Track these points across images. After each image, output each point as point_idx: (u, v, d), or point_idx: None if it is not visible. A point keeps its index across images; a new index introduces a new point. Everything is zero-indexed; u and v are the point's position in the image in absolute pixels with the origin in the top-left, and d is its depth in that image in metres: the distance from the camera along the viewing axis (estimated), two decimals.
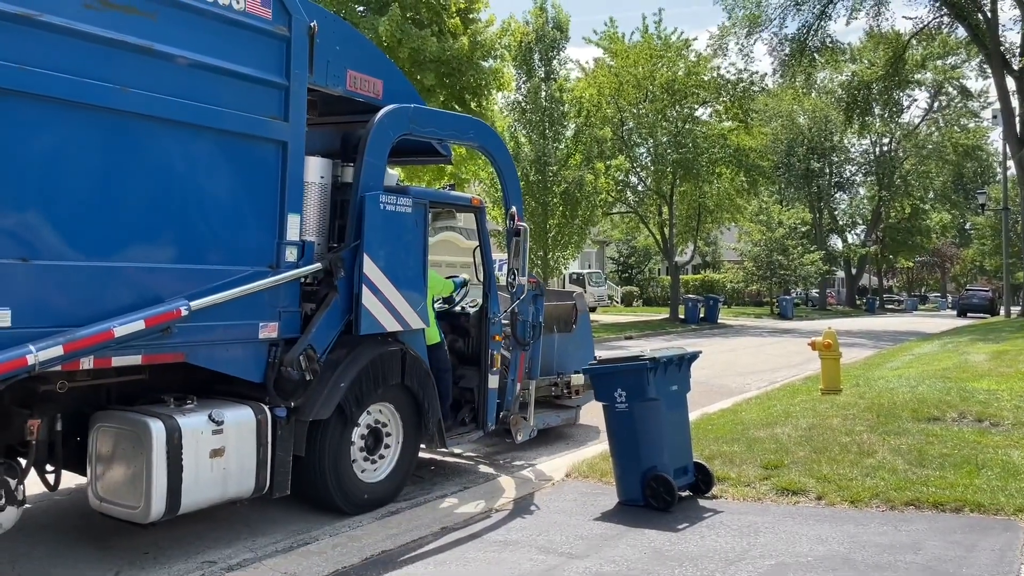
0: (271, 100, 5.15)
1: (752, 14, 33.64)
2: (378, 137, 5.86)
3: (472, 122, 7.53)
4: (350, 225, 5.67)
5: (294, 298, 5.32)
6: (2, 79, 3.78)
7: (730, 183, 34.97)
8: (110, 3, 4.23)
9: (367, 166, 5.77)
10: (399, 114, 6.06)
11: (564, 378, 8.54)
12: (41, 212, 4.01)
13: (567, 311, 9.05)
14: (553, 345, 8.48)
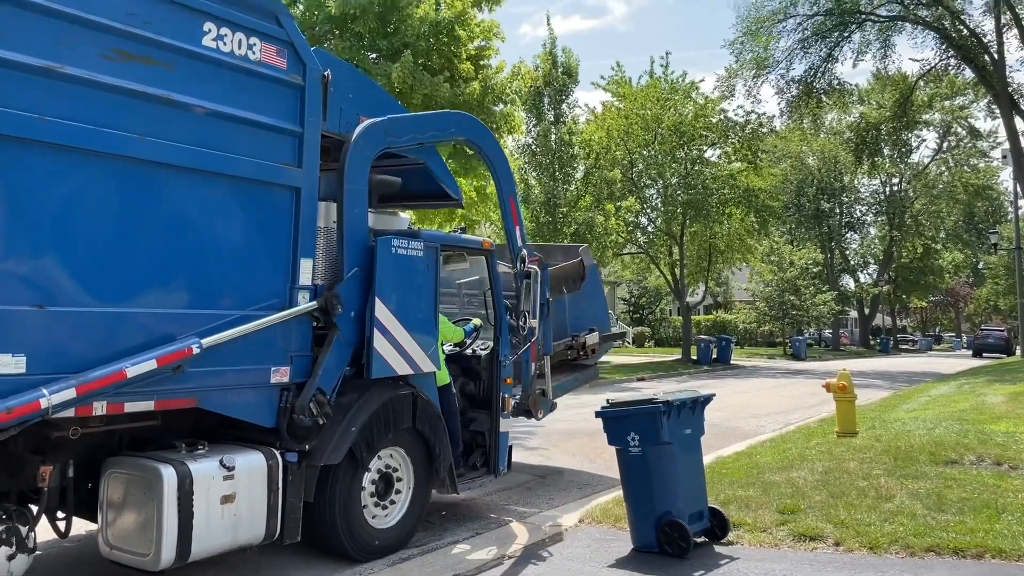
0: (285, 147, 5.22)
1: (759, 57, 33.97)
2: (355, 160, 5.61)
3: (452, 116, 7.15)
4: (341, 258, 5.52)
5: (305, 342, 5.33)
6: (21, 129, 3.86)
7: (740, 223, 35.02)
8: (129, 54, 4.32)
9: (349, 194, 5.52)
10: (372, 130, 5.78)
11: (579, 339, 8.43)
12: (58, 259, 4.06)
13: (574, 268, 8.80)
14: (564, 306, 8.33)
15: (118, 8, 4.28)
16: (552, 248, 10.64)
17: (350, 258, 5.49)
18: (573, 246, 10.17)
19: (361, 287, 5.54)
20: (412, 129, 6.25)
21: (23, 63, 3.86)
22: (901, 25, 32.86)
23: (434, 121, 6.72)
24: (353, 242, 5.52)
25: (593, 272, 9.12)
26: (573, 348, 8.42)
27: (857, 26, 32.86)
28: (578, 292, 8.65)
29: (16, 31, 3.84)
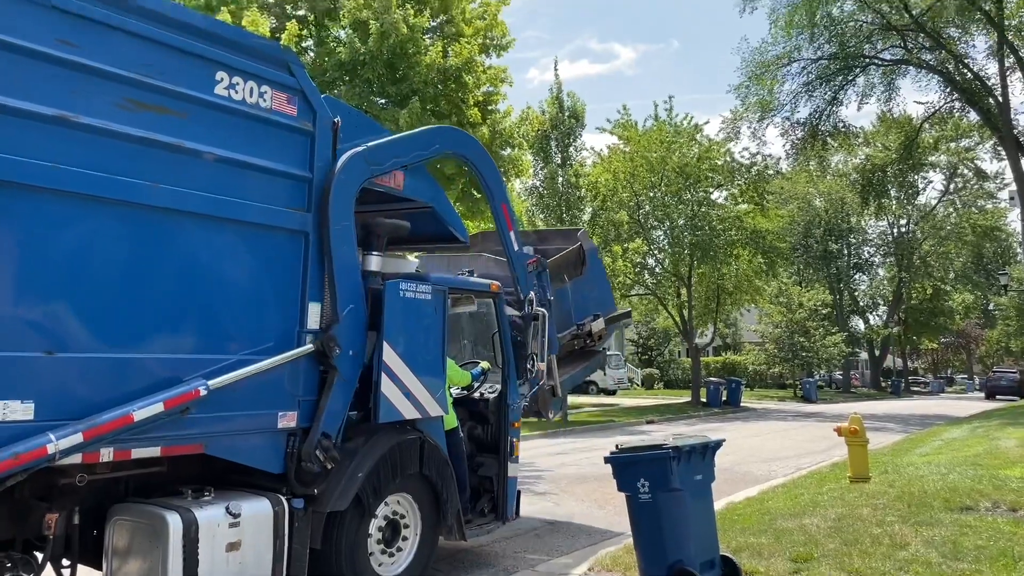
0: (296, 192, 5.27)
1: (764, 100, 34.32)
2: (339, 197, 5.38)
3: (434, 132, 6.82)
4: (333, 299, 5.37)
5: (312, 386, 5.32)
6: (36, 177, 3.90)
7: (748, 265, 35.02)
8: (142, 103, 4.39)
9: (335, 234, 5.30)
10: (353, 163, 5.53)
11: (584, 327, 8.31)
12: (68, 305, 4.08)
13: (574, 255, 8.63)
14: (567, 295, 8.21)
15: (133, 59, 4.36)
16: (549, 233, 10.53)
17: (343, 297, 5.36)
18: (571, 230, 9.97)
19: (358, 324, 5.46)
20: (394, 153, 6.00)
21: (38, 113, 3.92)
22: (905, 69, 33.21)
23: (416, 140, 6.39)
24: (345, 281, 5.38)
25: (593, 256, 9.00)
26: (579, 337, 8.30)
27: (861, 70, 33.21)
28: (580, 278, 8.53)
29: (32, 81, 3.92)
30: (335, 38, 19.38)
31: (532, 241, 9.19)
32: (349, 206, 5.48)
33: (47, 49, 3.97)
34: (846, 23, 32.14)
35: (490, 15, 19.08)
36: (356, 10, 16.94)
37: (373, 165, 5.73)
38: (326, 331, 5.27)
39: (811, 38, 32.12)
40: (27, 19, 3.90)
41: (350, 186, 5.49)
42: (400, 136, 6.23)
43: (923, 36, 30.90)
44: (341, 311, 5.33)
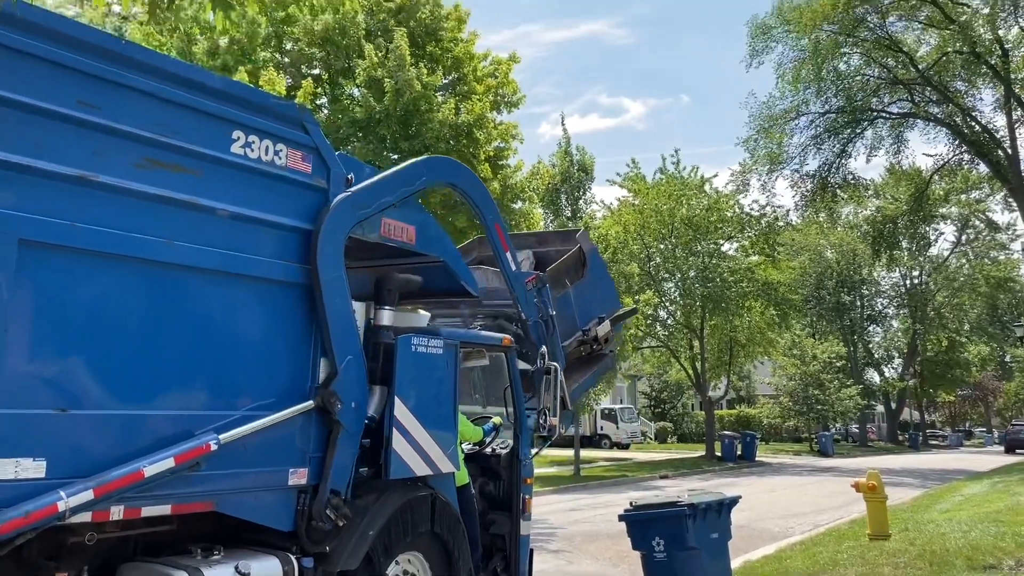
0: (308, 248, 5.30)
1: (773, 153, 34.58)
2: (327, 247, 5.23)
3: (420, 165, 6.41)
4: (330, 353, 5.24)
5: (323, 443, 5.28)
6: (53, 236, 3.95)
7: (760, 317, 34.91)
8: (159, 162, 4.46)
9: (327, 285, 5.15)
10: (339, 210, 5.34)
11: (590, 332, 8.12)
12: (82, 362, 4.08)
13: (574, 259, 8.37)
14: (569, 300, 8.00)
15: (151, 119, 4.44)
16: (548, 235, 10.34)
17: (340, 349, 5.25)
18: (570, 231, 9.72)
19: (358, 375, 5.36)
20: (380, 193, 5.75)
21: (59, 173, 3.98)
22: (913, 121, 33.48)
23: (401, 176, 6.09)
24: (340, 333, 5.25)
25: (594, 256, 8.74)
26: (586, 343, 8.09)
27: (869, 123, 33.50)
28: (582, 280, 8.32)
29: (52, 143, 3.99)
30: (349, 95, 19.76)
31: (531, 244, 9.06)
32: (338, 255, 5.33)
33: (69, 111, 4.05)
34: (853, 77, 32.54)
35: (501, 73, 19.45)
36: (371, 68, 17.30)
37: (360, 209, 5.51)
38: (326, 386, 5.18)
39: (818, 92, 32.51)
40: (50, 81, 3.99)
41: (338, 233, 5.33)
42: (384, 175, 5.93)
43: (930, 90, 31.21)
44: (339, 364, 5.23)
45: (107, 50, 4.29)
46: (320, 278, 5.14)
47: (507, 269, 7.01)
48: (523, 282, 7.17)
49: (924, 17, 30.35)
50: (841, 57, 31.89)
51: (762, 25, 31.94)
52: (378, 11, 20.07)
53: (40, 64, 3.96)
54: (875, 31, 30.80)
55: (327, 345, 5.20)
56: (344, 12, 19.05)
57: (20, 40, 3.87)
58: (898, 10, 30.22)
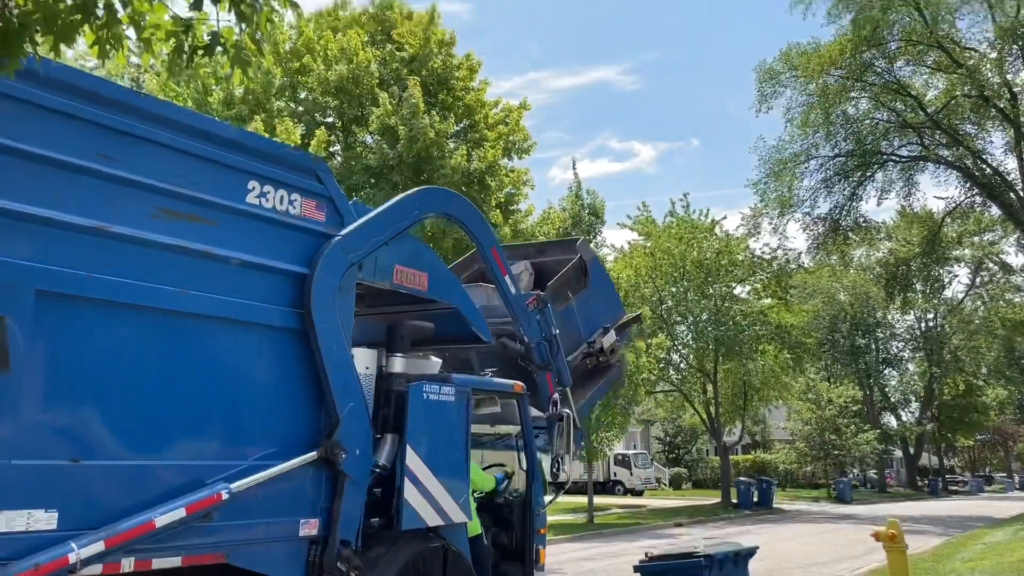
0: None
1: (783, 196, 34.62)
2: (321, 296, 5.13)
3: (411, 199, 6.21)
4: (332, 403, 5.17)
5: (332, 493, 5.22)
6: (69, 286, 3.98)
7: (774, 360, 34.63)
8: (175, 213, 4.52)
9: (322, 335, 5.09)
10: (330, 257, 5.26)
11: (595, 344, 7.92)
12: (96, 412, 4.09)
13: (575, 270, 8.16)
14: (573, 313, 7.81)
15: (167, 170, 4.50)
16: (548, 245, 10.15)
17: (341, 397, 5.20)
18: (570, 240, 9.44)
19: (360, 422, 5.31)
20: (372, 234, 5.63)
21: (75, 224, 4.04)
22: (923, 164, 33.52)
23: (393, 213, 5.94)
24: (340, 381, 5.21)
25: (595, 265, 8.55)
26: (591, 356, 7.94)
27: (879, 166, 33.56)
28: (585, 291, 8.16)
29: (70, 194, 4.05)
30: (362, 143, 20.03)
31: (531, 254, 8.99)
32: (332, 305, 5.24)
33: (88, 163, 4.12)
34: (862, 121, 32.70)
35: (512, 120, 19.68)
36: (384, 116, 17.53)
37: (351, 253, 5.45)
38: (329, 436, 5.11)
39: (827, 136, 32.64)
40: (71, 134, 4.07)
41: (330, 280, 5.25)
42: (373, 215, 5.77)
43: (939, 133, 31.30)
44: (341, 412, 5.17)
45: (125, 103, 4.38)
46: (315, 327, 5.06)
47: (507, 293, 6.94)
48: (524, 304, 7.08)
49: (931, 62, 30.58)
50: (850, 101, 32.08)
51: (770, 70, 32.22)
52: (391, 60, 20.44)
53: (61, 118, 4.05)
54: (883, 75, 31.04)
55: (327, 394, 5.15)
56: (358, 62, 19.40)
57: (43, 96, 3.95)
58: (905, 55, 30.48)
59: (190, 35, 2.57)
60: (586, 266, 8.31)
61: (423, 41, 20.83)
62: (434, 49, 20.84)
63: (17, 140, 3.84)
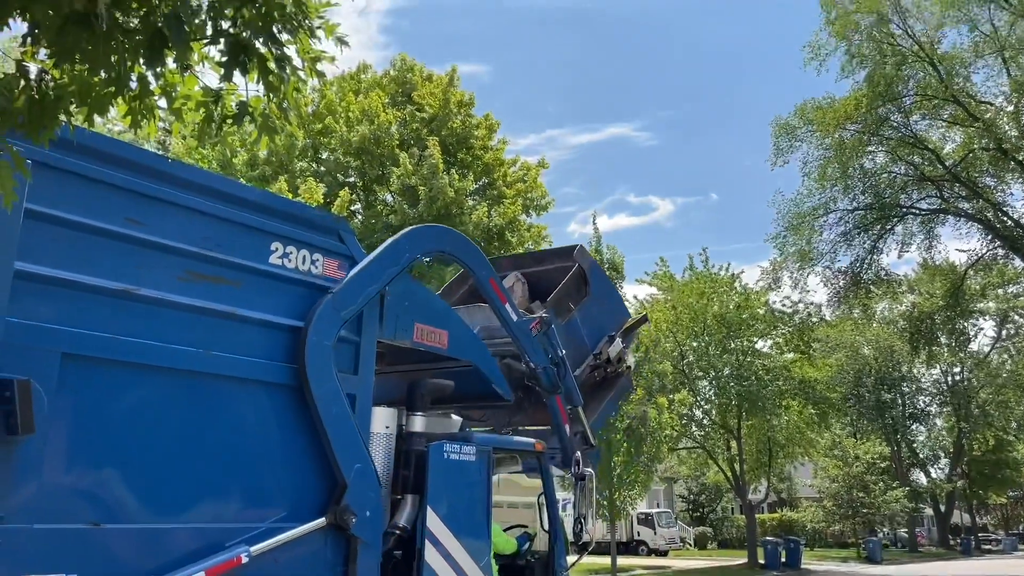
0: (343, 356, 5.32)
1: (803, 250, 34.52)
2: (316, 359, 5.00)
3: (403, 240, 5.93)
4: (336, 466, 5.08)
5: (346, 556, 5.15)
6: (94, 349, 4.03)
7: (799, 416, 34.13)
8: (201, 275, 4.58)
9: (321, 399, 4.97)
10: (322, 316, 5.09)
11: (601, 355, 7.67)
12: (118, 474, 4.09)
13: (574, 281, 7.86)
14: (577, 325, 7.55)
15: (194, 233, 4.58)
16: (546, 253, 9.88)
17: (346, 460, 5.09)
18: (568, 247, 9.01)
19: (369, 482, 5.22)
20: (362, 285, 5.44)
21: (102, 287, 4.10)
22: (943, 217, 33.39)
23: (384, 260, 5.68)
24: (343, 443, 5.10)
25: (595, 271, 8.26)
26: (599, 367, 7.73)
27: (899, 219, 33.46)
28: (587, 299, 7.91)
29: (98, 258, 4.12)
30: (382, 202, 20.31)
31: (528, 264, 8.79)
32: (329, 367, 5.11)
33: (116, 228, 4.21)
34: (879, 175, 32.72)
35: (530, 178, 19.89)
36: (405, 176, 17.79)
37: (344, 310, 5.27)
38: (338, 502, 5.00)
39: (845, 189, 32.65)
40: (101, 200, 4.17)
41: (325, 341, 5.10)
42: (362, 266, 5.53)
43: (959, 186, 31.25)
44: (348, 475, 5.06)
45: (153, 168, 4.49)
46: (312, 390, 4.92)
47: (509, 320, 6.80)
48: (527, 329, 6.92)
49: (948, 115, 30.69)
50: (867, 155, 32.17)
51: (786, 125, 32.45)
52: (411, 121, 20.84)
53: (91, 184, 4.15)
54: (899, 129, 31.15)
55: (331, 457, 5.04)
56: (379, 123, 19.79)
57: (74, 162, 4.06)
58: (921, 109, 30.62)
59: (219, 105, 2.65)
60: (585, 273, 8.09)
61: (443, 102, 21.25)
62: (453, 110, 21.24)
63: (48, 206, 3.93)
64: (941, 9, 27.87)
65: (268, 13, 2.27)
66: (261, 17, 2.27)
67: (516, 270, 8.47)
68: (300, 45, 2.51)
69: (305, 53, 2.58)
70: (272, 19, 2.29)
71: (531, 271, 8.45)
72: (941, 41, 29.23)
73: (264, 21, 2.28)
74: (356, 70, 23.91)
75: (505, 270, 8.39)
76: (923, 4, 28.71)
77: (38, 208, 3.87)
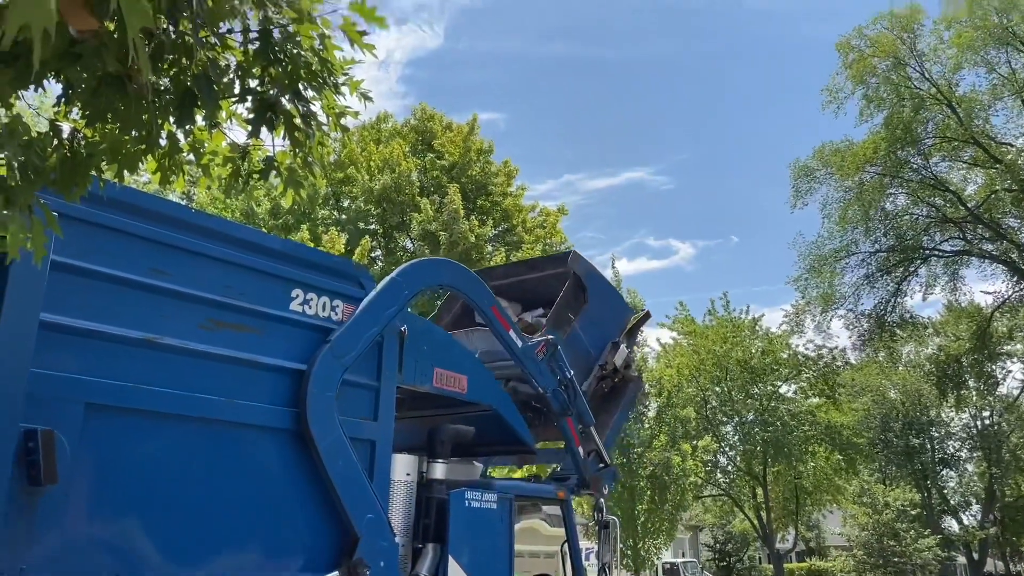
0: (362, 401, 5.34)
1: (825, 293, 34.31)
2: (318, 411, 4.91)
3: (399, 278, 5.76)
4: (347, 519, 5.02)
5: None
6: (116, 398, 4.06)
7: (826, 462, 33.57)
8: (223, 323, 4.63)
9: (326, 452, 4.87)
10: (323, 366, 4.99)
11: (607, 365, 7.46)
12: (139, 525, 4.09)
13: (570, 291, 7.57)
14: (579, 336, 7.31)
15: (216, 281, 4.65)
16: (539, 260, 9.54)
17: (357, 511, 5.02)
18: (562, 254, 8.63)
19: (382, 531, 5.17)
20: (361, 330, 5.34)
21: (126, 337, 4.15)
22: (967, 259, 33.11)
23: (382, 301, 5.54)
24: (351, 495, 5.03)
25: (591, 277, 7.95)
26: (606, 378, 7.54)
27: (922, 261, 33.24)
28: (586, 308, 7.67)
29: (123, 308, 4.18)
30: (402, 248, 20.49)
31: (521, 272, 8.60)
32: (332, 418, 5.00)
33: (142, 278, 4.28)
34: (901, 217, 32.60)
35: (549, 224, 20.01)
36: (425, 222, 17.97)
37: (343, 357, 5.14)
38: (351, 555, 4.90)
39: (867, 231, 32.53)
40: (127, 251, 4.25)
41: (327, 391, 5.00)
42: (360, 310, 5.41)
43: (982, 227, 31.05)
44: (359, 526, 4.99)
45: (178, 219, 4.58)
46: (316, 443, 4.82)
47: (514, 348, 6.65)
48: (533, 355, 6.77)
49: (968, 157, 30.62)
50: (887, 197, 32.10)
51: (804, 168, 32.52)
52: (431, 168, 21.11)
53: (117, 235, 4.23)
54: (919, 172, 31.11)
55: (340, 509, 4.96)
56: (400, 171, 20.07)
57: (101, 215, 4.15)
58: (941, 151, 30.59)
59: (246, 161, 2.73)
60: (581, 280, 7.88)
61: (463, 150, 21.54)
62: (473, 157, 21.51)
63: (75, 258, 4.00)
64: (958, 52, 28.00)
65: (294, 72, 2.35)
66: (288, 75, 2.35)
67: (510, 278, 8.37)
68: (325, 101, 2.58)
69: (330, 109, 2.65)
70: (298, 77, 2.37)
71: (526, 278, 8.33)
72: (959, 83, 29.33)
73: (291, 79, 2.36)
74: (377, 120, 24.33)
75: (499, 279, 8.26)
76: (939, 47, 28.89)
77: (65, 260, 3.94)
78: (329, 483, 4.93)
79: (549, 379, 6.87)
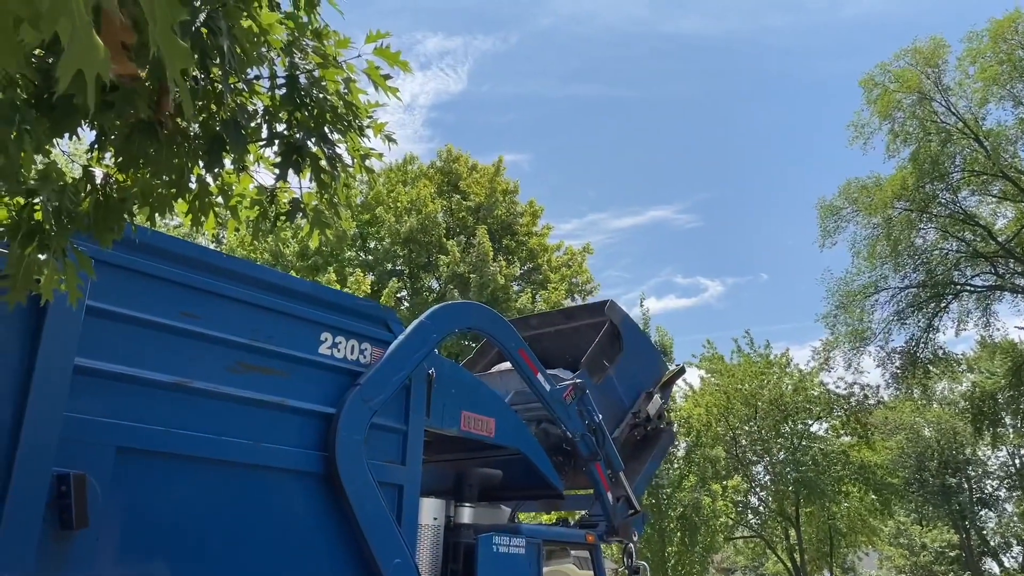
0: (390, 445, 5.31)
1: (855, 329, 33.82)
2: (348, 456, 4.89)
3: (427, 321, 5.78)
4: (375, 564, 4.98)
5: None
6: (147, 442, 4.07)
7: (860, 502, 32.79)
8: (251, 366, 4.64)
9: (355, 496, 4.85)
10: (351, 411, 4.99)
11: (640, 413, 7.32)
12: (168, 569, 4.07)
13: (607, 337, 7.59)
14: (613, 383, 7.29)
15: (245, 325, 4.67)
16: (576, 309, 9.56)
17: (384, 555, 4.96)
18: (599, 303, 8.53)
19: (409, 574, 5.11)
20: (389, 374, 5.33)
21: (157, 380, 4.17)
22: (1000, 293, 32.57)
23: (411, 344, 5.55)
24: (379, 539, 4.98)
25: (627, 325, 8.00)
26: (638, 427, 7.48)
27: (954, 296, 32.73)
28: (622, 355, 7.70)
29: (154, 352, 4.21)
30: (428, 288, 20.56)
31: (558, 321, 8.61)
32: (361, 464, 5.00)
33: (172, 322, 4.31)
34: (931, 252, 32.21)
35: (575, 263, 20.02)
36: (453, 264, 18.05)
37: (371, 401, 5.15)
38: None
39: (896, 267, 32.13)
40: (158, 296, 4.28)
41: (355, 435, 5.00)
42: (389, 352, 5.43)
43: (1013, 261, 30.60)
44: (386, 570, 4.92)
45: (208, 263, 4.62)
46: (344, 486, 4.80)
47: (542, 391, 6.65)
48: (561, 398, 6.75)
49: (997, 191, 30.28)
50: (917, 232, 31.75)
51: (831, 207, 32.31)
52: (458, 210, 21.25)
53: (149, 280, 4.27)
54: (948, 207, 30.79)
55: (368, 554, 4.91)
56: (427, 212, 20.23)
57: (133, 260, 4.19)
58: (969, 185, 30.29)
59: (273, 203, 2.75)
60: (618, 329, 7.92)
61: (489, 191, 21.70)
62: (499, 198, 21.65)
63: (107, 303, 4.04)
64: (984, 86, 27.87)
65: (320, 116, 2.38)
66: (314, 119, 2.37)
67: (546, 328, 8.42)
68: (350, 144, 2.61)
69: (355, 151, 2.68)
70: (324, 121, 2.39)
71: (562, 328, 8.37)
72: (985, 117, 29.13)
73: (316, 123, 2.38)
74: (403, 162, 24.63)
75: (535, 329, 8.33)
76: (965, 82, 28.78)
77: (99, 305, 3.98)
78: (357, 527, 4.89)
79: (577, 423, 6.85)
